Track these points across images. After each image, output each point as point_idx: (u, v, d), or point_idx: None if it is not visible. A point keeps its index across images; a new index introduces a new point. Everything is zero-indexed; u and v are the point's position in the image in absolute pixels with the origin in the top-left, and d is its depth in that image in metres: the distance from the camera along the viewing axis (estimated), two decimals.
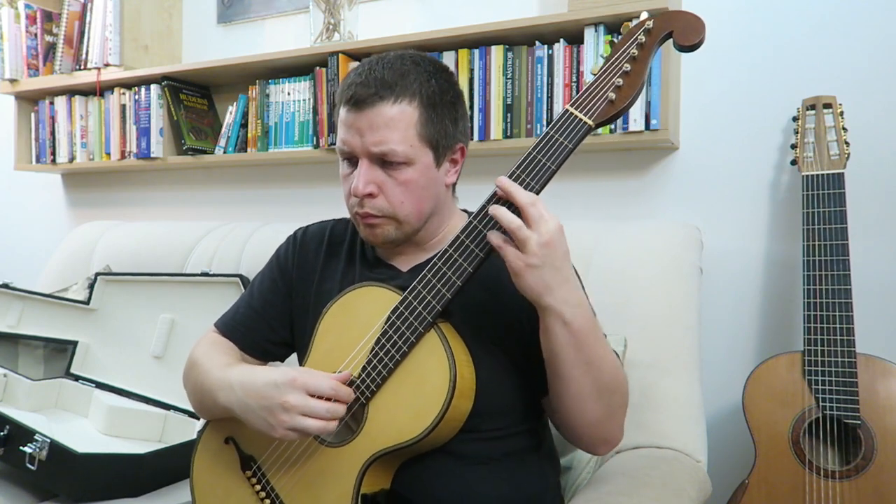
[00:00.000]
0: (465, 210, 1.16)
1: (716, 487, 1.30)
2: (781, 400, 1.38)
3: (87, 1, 2.40)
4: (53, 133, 2.52)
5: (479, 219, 0.91)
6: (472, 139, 1.79)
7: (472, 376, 0.93)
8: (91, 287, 1.96)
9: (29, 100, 2.60)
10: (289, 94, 2.07)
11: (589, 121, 0.90)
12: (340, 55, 1.93)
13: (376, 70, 0.99)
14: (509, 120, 1.76)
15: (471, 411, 0.93)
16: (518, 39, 1.77)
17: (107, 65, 2.34)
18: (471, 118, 1.79)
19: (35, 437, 1.35)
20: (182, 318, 1.85)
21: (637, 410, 1.28)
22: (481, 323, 1.00)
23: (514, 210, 0.86)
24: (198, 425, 1.63)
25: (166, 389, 1.78)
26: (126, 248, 2.13)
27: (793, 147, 1.51)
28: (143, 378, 1.84)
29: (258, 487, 1.03)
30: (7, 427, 1.41)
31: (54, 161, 2.51)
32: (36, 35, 2.51)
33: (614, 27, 1.66)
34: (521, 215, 0.85)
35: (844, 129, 1.45)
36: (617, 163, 1.80)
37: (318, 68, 1.99)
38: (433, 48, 1.83)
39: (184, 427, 1.67)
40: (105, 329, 1.93)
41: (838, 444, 1.35)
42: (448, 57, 1.83)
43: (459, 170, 1.09)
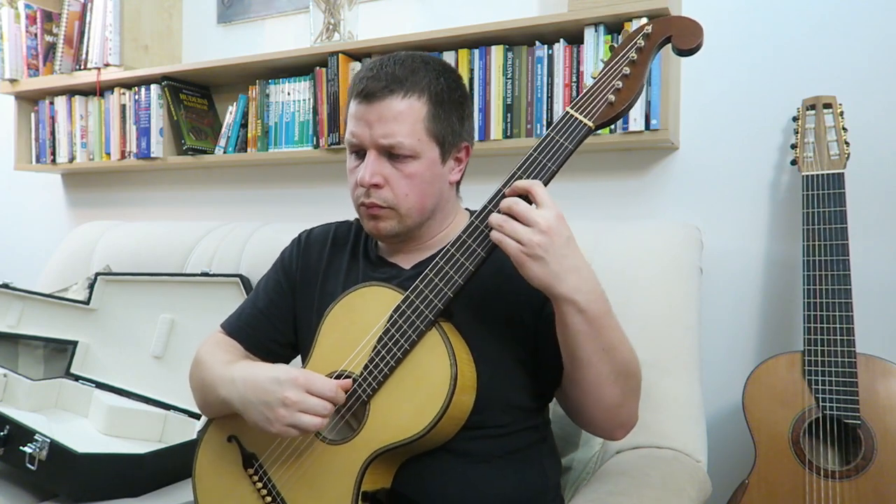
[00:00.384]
0: (469, 209, 1.16)
1: (716, 487, 1.30)
2: (781, 400, 1.38)
3: (87, 1, 2.39)
4: (53, 133, 2.51)
5: (482, 218, 0.92)
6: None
7: (473, 374, 0.94)
8: (91, 287, 1.96)
9: (29, 100, 2.59)
10: (289, 94, 2.07)
11: (589, 122, 0.92)
12: (340, 55, 1.93)
13: (387, 66, 1.02)
14: (509, 120, 1.76)
15: (474, 408, 0.94)
16: (518, 39, 1.77)
17: (107, 65, 2.34)
18: None
19: (35, 437, 1.36)
20: (182, 319, 1.85)
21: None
22: (483, 321, 1.01)
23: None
24: (198, 425, 1.63)
25: (166, 389, 1.78)
26: (126, 248, 2.13)
27: (793, 147, 1.51)
28: (143, 378, 1.84)
29: (260, 485, 1.03)
30: (7, 427, 1.41)
31: (54, 161, 2.51)
32: (36, 35, 2.51)
33: (614, 27, 1.66)
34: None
35: (844, 129, 1.45)
36: (617, 163, 1.80)
37: (318, 68, 1.99)
38: (433, 48, 1.83)
39: (184, 427, 1.68)
40: (105, 329, 1.94)
41: (838, 444, 1.35)
42: (448, 57, 1.82)
43: (464, 169, 1.11)
